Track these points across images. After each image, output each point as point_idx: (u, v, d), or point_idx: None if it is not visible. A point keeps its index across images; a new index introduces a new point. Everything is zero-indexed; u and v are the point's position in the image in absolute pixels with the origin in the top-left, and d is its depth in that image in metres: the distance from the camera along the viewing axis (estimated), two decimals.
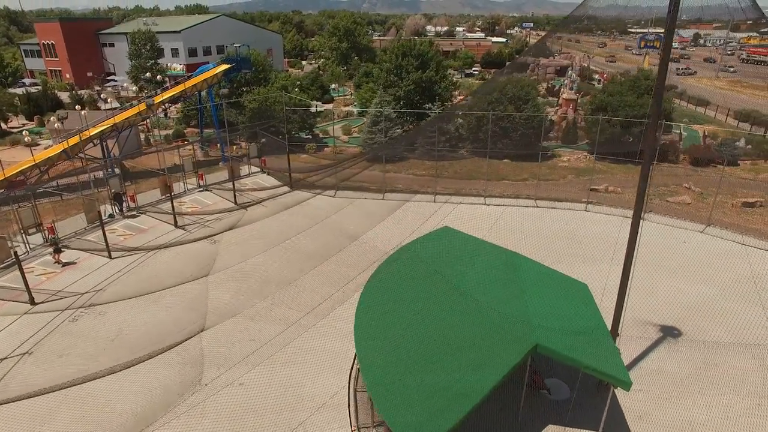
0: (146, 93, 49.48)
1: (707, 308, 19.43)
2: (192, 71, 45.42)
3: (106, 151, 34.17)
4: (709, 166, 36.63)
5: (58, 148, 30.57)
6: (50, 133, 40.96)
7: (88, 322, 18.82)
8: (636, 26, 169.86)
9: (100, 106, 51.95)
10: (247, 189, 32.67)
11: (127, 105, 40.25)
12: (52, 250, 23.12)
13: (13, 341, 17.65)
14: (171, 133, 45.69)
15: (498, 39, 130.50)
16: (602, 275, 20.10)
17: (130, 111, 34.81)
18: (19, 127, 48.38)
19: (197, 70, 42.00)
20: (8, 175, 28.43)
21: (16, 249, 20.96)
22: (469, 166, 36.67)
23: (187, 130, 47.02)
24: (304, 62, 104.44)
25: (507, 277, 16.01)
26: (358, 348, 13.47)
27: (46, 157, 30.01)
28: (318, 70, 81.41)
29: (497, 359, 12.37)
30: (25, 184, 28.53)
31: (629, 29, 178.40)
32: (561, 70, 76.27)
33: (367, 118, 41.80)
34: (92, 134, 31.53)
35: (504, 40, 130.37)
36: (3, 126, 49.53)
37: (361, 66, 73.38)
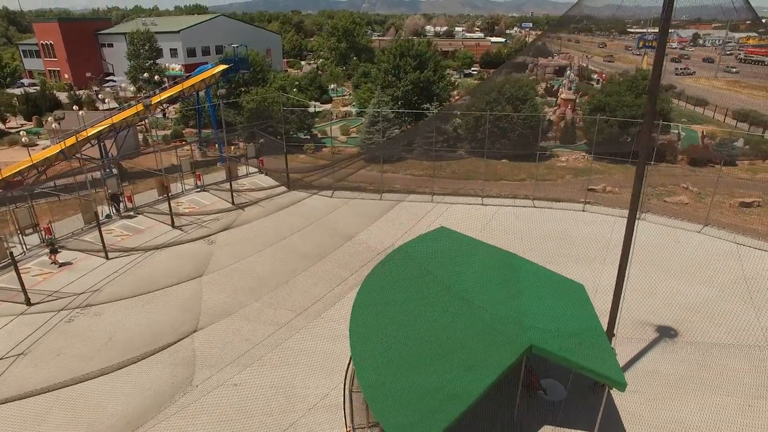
0: (145, 93, 49.47)
1: (703, 309, 19.39)
2: (191, 71, 45.47)
3: (103, 151, 34.21)
4: (707, 166, 36.59)
5: (55, 149, 30.57)
6: (48, 134, 40.94)
7: (84, 322, 18.78)
8: (635, 26, 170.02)
9: (98, 107, 51.89)
10: (244, 189, 32.64)
11: (125, 105, 40.24)
12: (49, 250, 23.10)
13: (9, 342, 17.62)
14: (169, 133, 45.67)
15: (497, 39, 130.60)
16: (598, 275, 20.09)
17: (128, 111, 34.81)
18: (17, 128, 48.32)
19: (196, 70, 42.02)
20: (5, 176, 28.45)
21: (12, 249, 20.91)
22: (467, 167, 36.63)
23: (186, 130, 47.01)
24: (303, 62, 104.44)
25: (503, 278, 15.98)
26: (353, 349, 13.44)
27: (43, 157, 30.02)
28: (317, 70, 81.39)
29: (492, 360, 12.35)
30: (23, 185, 28.54)
31: (628, 29, 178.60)
32: (560, 70, 76.23)
33: (365, 119, 41.78)
34: (90, 135, 31.52)
35: (503, 40, 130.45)
36: (1, 126, 49.54)
37: (359, 66, 73.38)
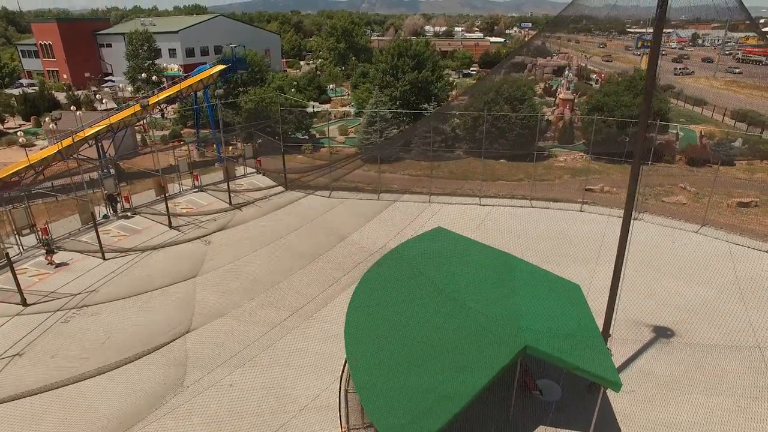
0: (143, 93, 49.42)
1: (699, 310, 19.37)
2: (189, 72, 45.43)
3: (101, 151, 34.19)
4: (706, 166, 36.57)
5: (52, 149, 30.55)
6: (46, 134, 40.92)
7: (80, 323, 18.75)
8: (635, 26, 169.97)
9: (96, 107, 51.88)
10: (242, 190, 32.62)
11: (124, 105, 40.21)
12: (45, 251, 23.07)
13: (5, 343, 17.58)
14: (168, 133, 45.65)
15: (496, 39, 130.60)
16: (595, 276, 20.10)
17: (125, 112, 34.79)
18: (15, 128, 48.34)
19: (194, 70, 42.02)
20: (2, 176, 28.45)
21: (8, 250, 20.90)
22: (465, 167, 36.62)
23: (184, 130, 47.01)
24: (302, 62, 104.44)
25: (499, 278, 15.97)
26: (348, 350, 13.43)
27: (40, 157, 30.01)
28: (315, 70, 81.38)
29: (486, 361, 12.33)
30: (20, 185, 28.51)
31: (627, 29, 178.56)
32: (559, 70, 76.19)
33: (363, 119, 41.77)
34: (87, 135, 31.50)
35: (502, 40, 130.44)
36: (0, 127, 49.51)
37: (358, 66, 73.36)
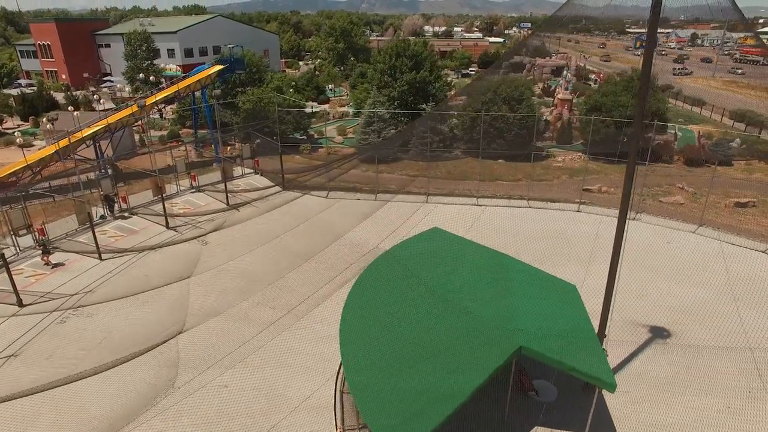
0: (141, 94, 49.41)
1: (695, 311, 19.36)
2: (188, 72, 45.39)
3: (99, 152, 34.14)
4: (704, 166, 36.57)
5: (50, 150, 30.52)
6: (43, 134, 40.90)
7: (76, 323, 18.72)
8: (634, 26, 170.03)
9: (95, 107, 51.85)
10: (239, 190, 32.60)
11: (122, 106, 40.19)
12: (41, 251, 23.04)
13: (0, 343, 17.55)
14: (166, 134, 45.61)
15: (495, 39, 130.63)
16: (592, 276, 20.08)
17: (123, 112, 34.76)
18: (14, 128, 48.28)
19: (193, 70, 41.98)
20: (0, 177, 28.42)
21: (4, 251, 20.87)
22: (462, 167, 36.61)
23: (183, 130, 46.96)
24: (301, 63, 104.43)
25: (495, 279, 15.94)
26: (343, 351, 13.41)
27: (38, 158, 29.98)
28: (314, 70, 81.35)
29: (481, 361, 12.31)
30: (17, 185, 28.47)
31: (627, 29, 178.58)
32: (558, 70, 76.20)
33: (361, 119, 41.75)
34: (85, 135, 31.47)
35: (501, 40, 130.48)
36: None
37: (357, 66, 73.35)
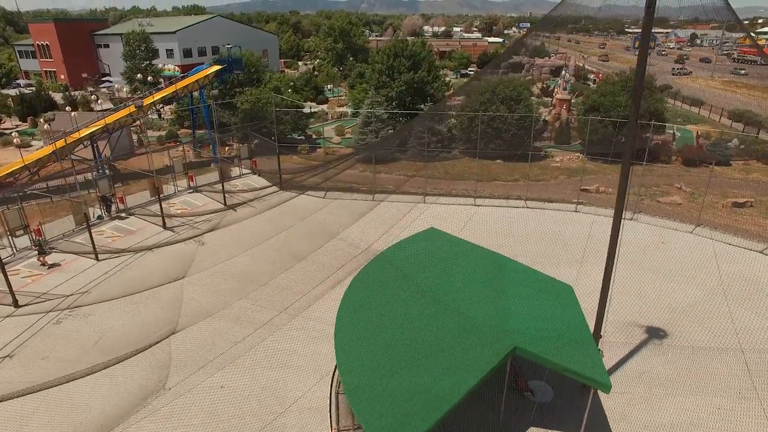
0: (140, 94, 49.36)
1: (692, 311, 19.33)
2: (187, 72, 45.34)
3: (96, 152, 34.10)
4: (702, 166, 36.56)
5: (47, 150, 30.48)
6: (41, 135, 40.87)
7: (72, 324, 18.69)
8: (633, 26, 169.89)
9: (93, 108, 51.79)
10: (237, 190, 32.58)
11: (120, 106, 40.14)
12: (37, 252, 23.01)
13: None
14: (164, 134, 45.59)
15: (495, 39, 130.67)
16: (589, 276, 20.04)
17: (121, 112, 34.72)
18: (12, 128, 48.25)
19: (192, 70, 41.93)
20: None
21: (0, 251, 20.83)
22: (460, 167, 36.59)
23: (181, 131, 46.94)
24: (300, 63, 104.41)
25: (490, 279, 15.91)
26: (338, 352, 13.37)
27: (35, 158, 29.93)
28: (312, 70, 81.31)
29: (475, 362, 12.28)
30: (14, 186, 28.43)
31: (626, 29, 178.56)
32: (556, 71, 76.22)
33: (359, 119, 41.73)
34: (82, 136, 31.44)
35: (501, 40, 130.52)
36: None
37: (356, 67, 73.33)
